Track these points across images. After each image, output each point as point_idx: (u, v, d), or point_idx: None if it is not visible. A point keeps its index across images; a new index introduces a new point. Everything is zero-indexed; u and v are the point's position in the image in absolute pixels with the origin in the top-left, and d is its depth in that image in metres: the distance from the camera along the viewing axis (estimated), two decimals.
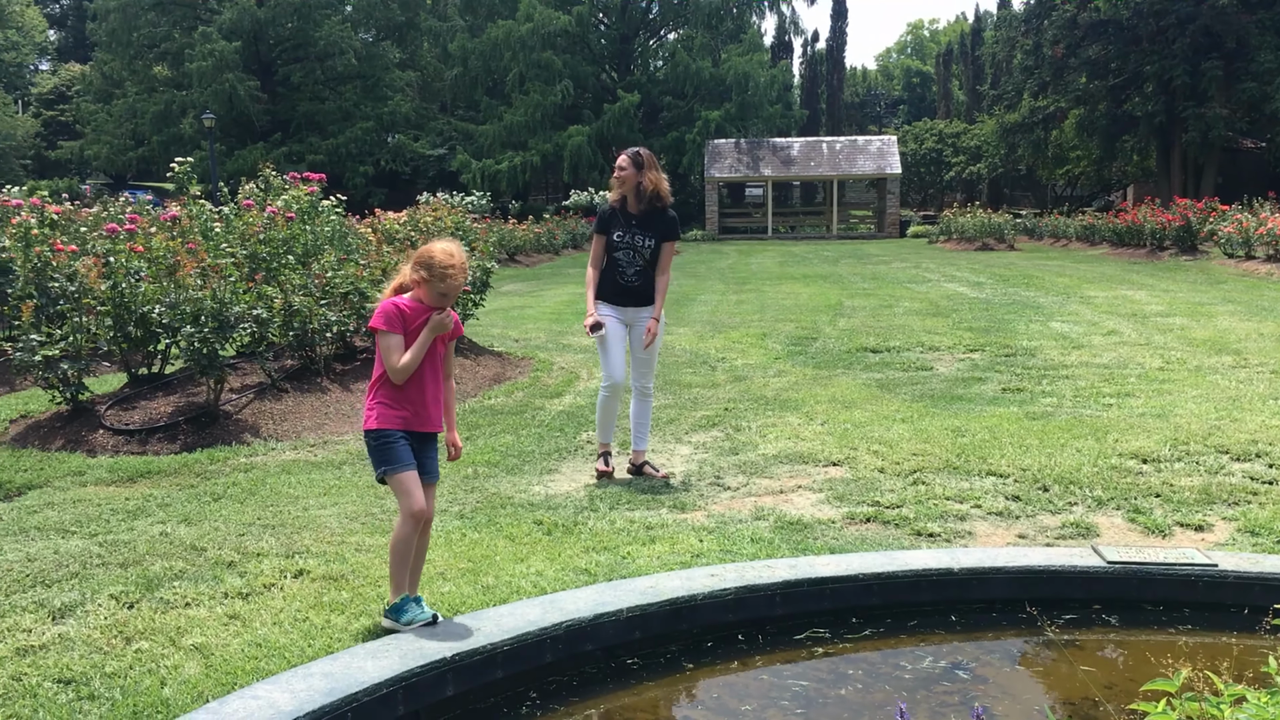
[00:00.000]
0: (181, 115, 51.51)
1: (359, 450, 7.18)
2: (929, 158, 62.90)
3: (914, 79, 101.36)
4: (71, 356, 7.33)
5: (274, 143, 51.87)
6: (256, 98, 51.77)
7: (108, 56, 55.12)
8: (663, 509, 5.71)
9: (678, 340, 12.48)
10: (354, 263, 9.48)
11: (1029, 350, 11.08)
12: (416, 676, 3.54)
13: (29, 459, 6.85)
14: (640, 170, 6.24)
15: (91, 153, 54.68)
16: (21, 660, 3.76)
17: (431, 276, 3.92)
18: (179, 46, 52.41)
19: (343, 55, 52.93)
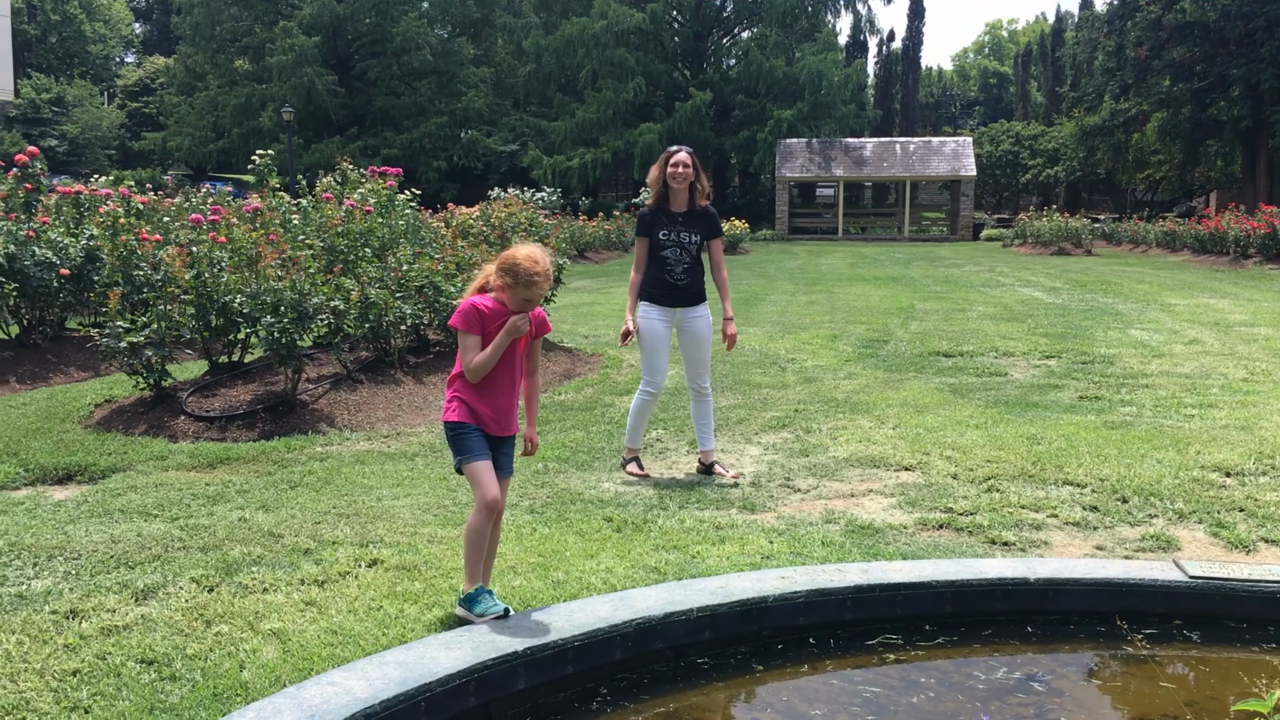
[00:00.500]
0: (261, 108, 52.47)
1: (431, 442, 7.27)
2: (1005, 160, 61.96)
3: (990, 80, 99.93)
4: (155, 343, 7.51)
5: (350, 137, 52.63)
6: (334, 92, 52.56)
7: (191, 50, 56.30)
8: (732, 509, 5.69)
9: (747, 340, 12.43)
10: (428, 257, 9.59)
11: (1107, 358, 10.87)
12: (488, 669, 3.57)
13: (113, 443, 7.03)
14: (697, 170, 6.33)
15: (174, 144, 55.89)
16: (106, 639, 3.85)
17: (516, 283, 3.94)
18: (260, 40, 53.38)
19: (419, 51, 53.54)
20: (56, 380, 9.28)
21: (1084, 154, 52.72)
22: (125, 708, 3.34)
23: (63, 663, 3.66)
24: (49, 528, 5.23)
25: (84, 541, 4.99)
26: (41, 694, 3.42)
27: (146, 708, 3.34)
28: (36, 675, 3.56)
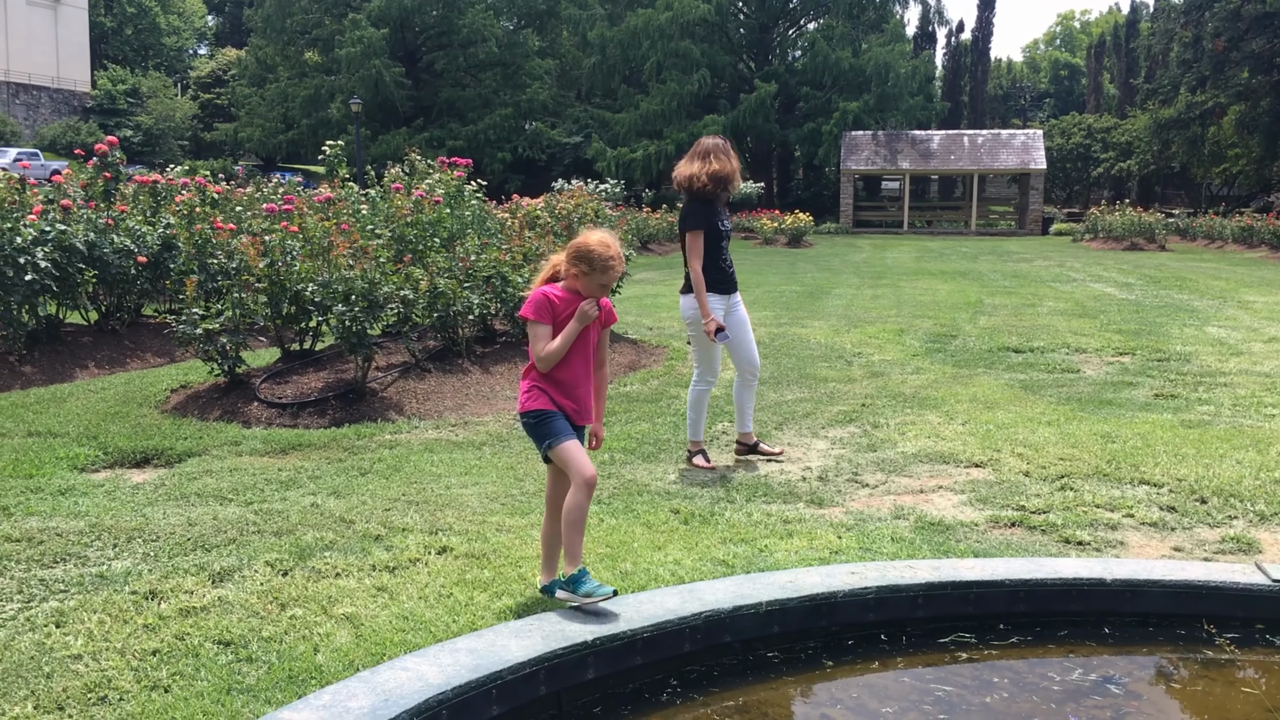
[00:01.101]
0: (330, 100, 53.17)
1: (498, 432, 7.31)
2: (1076, 153, 60.90)
3: (1062, 71, 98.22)
4: (230, 331, 7.64)
5: (416, 128, 53.15)
6: (401, 84, 53.10)
7: (262, 42, 57.20)
8: (800, 503, 5.66)
9: (812, 334, 12.35)
10: (495, 247, 9.65)
11: (1183, 355, 10.63)
12: (559, 658, 3.58)
13: (189, 428, 7.16)
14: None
15: (245, 135, 56.85)
16: (184, 620, 3.93)
17: (592, 269, 3.94)
18: (329, 33, 54.08)
19: (484, 43, 53.90)
20: (134, 365, 9.48)
21: (1158, 147, 51.67)
22: (204, 688, 3.40)
23: (143, 642, 3.73)
24: (128, 510, 5.35)
25: (162, 524, 5.09)
26: (123, 673, 3.50)
27: (224, 688, 3.40)
28: (118, 654, 3.64)
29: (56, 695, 3.33)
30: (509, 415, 7.84)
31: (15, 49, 63.28)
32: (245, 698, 3.35)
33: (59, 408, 7.64)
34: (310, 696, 3.23)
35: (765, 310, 14.87)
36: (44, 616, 3.93)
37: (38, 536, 4.84)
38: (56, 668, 3.52)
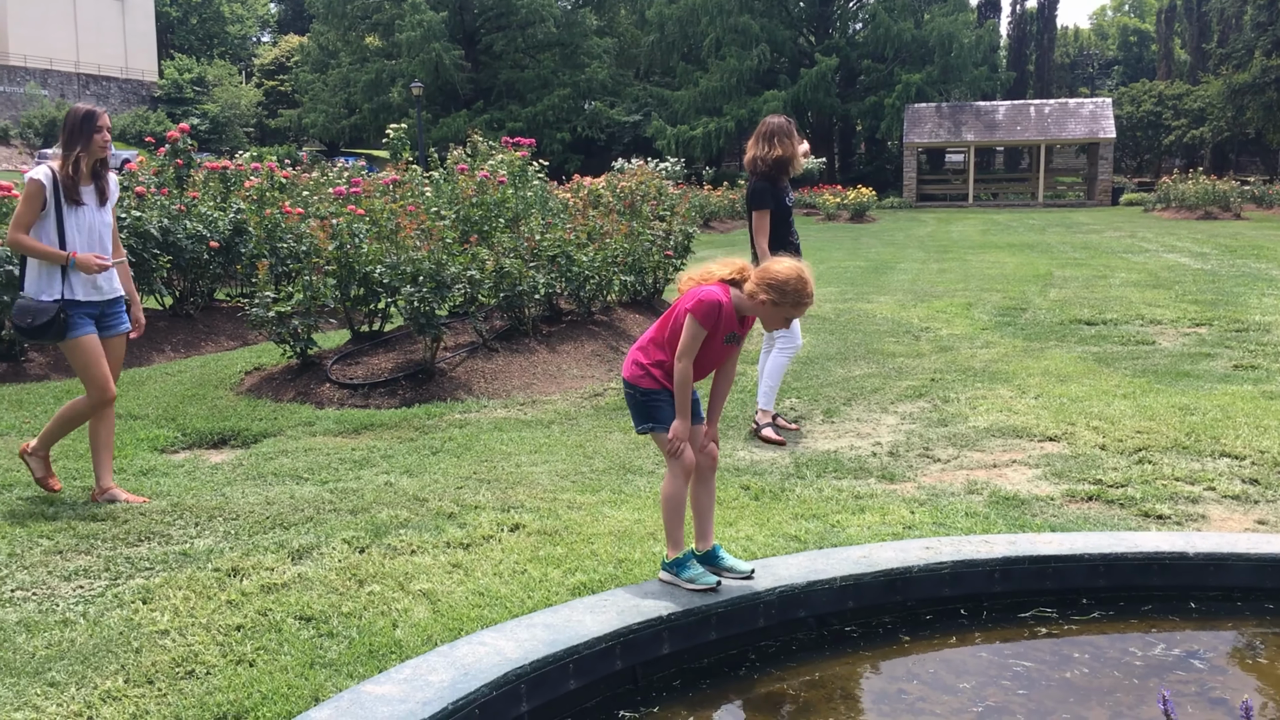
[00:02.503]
0: (391, 84, 53.59)
1: (566, 410, 7.34)
2: (1146, 121, 59.53)
3: (1130, 38, 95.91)
4: (301, 313, 7.75)
5: (476, 110, 53.40)
6: (460, 66, 53.35)
7: (324, 28, 57.76)
8: (871, 478, 5.62)
9: (878, 309, 12.24)
10: (559, 226, 9.67)
11: (1262, 325, 10.37)
12: (634, 633, 3.59)
13: (264, 409, 7.29)
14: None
15: (308, 121, 57.53)
16: (266, 596, 4.00)
17: (782, 302, 3.74)
18: (389, 17, 54.45)
19: (543, 23, 53.94)
20: (208, 348, 9.66)
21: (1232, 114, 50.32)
22: (287, 662, 3.46)
23: (226, 618, 3.81)
24: (208, 489, 5.46)
25: (241, 503, 5.19)
26: (208, 647, 3.58)
27: (307, 662, 3.46)
28: (203, 629, 3.72)
29: (146, 669, 3.42)
30: (576, 394, 7.88)
31: (85, 41, 64.57)
32: (328, 671, 3.41)
33: (138, 390, 7.82)
34: (391, 670, 3.28)
35: (830, 286, 14.75)
36: (131, 593, 4.03)
37: (123, 516, 4.96)
38: (145, 643, 3.60)
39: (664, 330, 3.92)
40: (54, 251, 5.03)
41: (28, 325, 5.05)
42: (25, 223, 5.01)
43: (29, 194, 5.01)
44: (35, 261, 5.09)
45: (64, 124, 5.16)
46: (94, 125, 5.13)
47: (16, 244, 5.03)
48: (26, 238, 5.02)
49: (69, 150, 5.09)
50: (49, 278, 5.08)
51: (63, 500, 5.22)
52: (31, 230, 5.04)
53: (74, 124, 5.11)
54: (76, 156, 5.09)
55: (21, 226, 5.01)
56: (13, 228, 5.02)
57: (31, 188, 5.01)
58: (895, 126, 48.50)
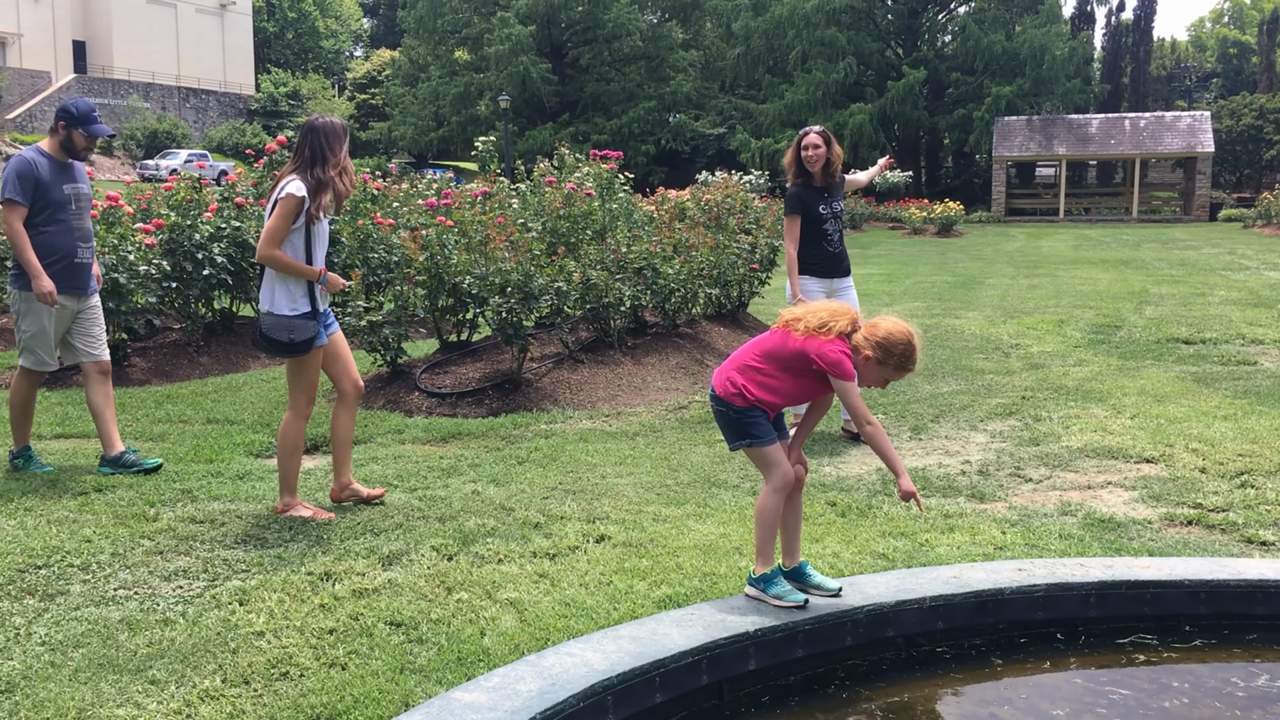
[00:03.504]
0: (479, 97, 54.32)
1: (651, 422, 7.36)
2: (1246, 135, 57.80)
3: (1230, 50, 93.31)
4: (392, 322, 7.88)
5: (562, 123, 53.85)
6: (547, 79, 53.86)
7: (415, 42, 58.77)
8: (960, 497, 5.53)
9: (966, 324, 12.06)
10: (645, 239, 9.71)
11: None
12: (720, 648, 3.58)
13: None
14: (830, 147, 6.75)
15: (398, 133, 58.52)
16: (358, 601, 4.07)
17: (887, 361, 3.73)
18: (478, 31, 55.23)
19: (629, 37, 54.25)
20: None
21: None
22: (378, 666, 3.51)
23: (320, 621, 3.88)
24: (301, 494, 5.56)
25: (333, 508, 5.28)
26: (302, 650, 3.65)
27: (398, 668, 3.51)
28: (297, 632, 3.79)
29: (242, 670, 3.49)
30: (661, 406, 7.89)
31: (185, 55, 66.53)
32: (418, 677, 3.45)
33: (234, 396, 8.01)
34: (480, 678, 3.31)
35: (917, 301, 14.58)
36: (228, 594, 4.12)
37: (220, 518, 5.08)
38: (241, 643, 3.69)
39: (769, 362, 3.88)
40: (307, 268, 4.99)
41: (288, 340, 4.99)
42: (280, 237, 4.91)
43: (288, 209, 4.89)
44: (278, 276, 5.00)
45: (308, 137, 5.02)
46: (344, 140, 5.07)
47: (271, 259, 4.91)
48: (281, 253, 4.91)
49: (318, 165, 4.97)
50: (295, 292, 5.00)
51: (163, 501, 5.36)
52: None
53: (325, 138, 5.01)
54: (327, 172, 4.99)
55: (276, 241, 4.90)
56: (267, 242, 4.89)
57: (291, 203, 4.89)
58: (984, 140, 47.80)
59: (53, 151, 5.83)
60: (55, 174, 5.78)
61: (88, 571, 4.38)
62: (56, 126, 5.82)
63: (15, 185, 5.62)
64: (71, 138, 5.82)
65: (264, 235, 4.92)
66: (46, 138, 5.93)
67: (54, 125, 5.84)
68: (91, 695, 3.31)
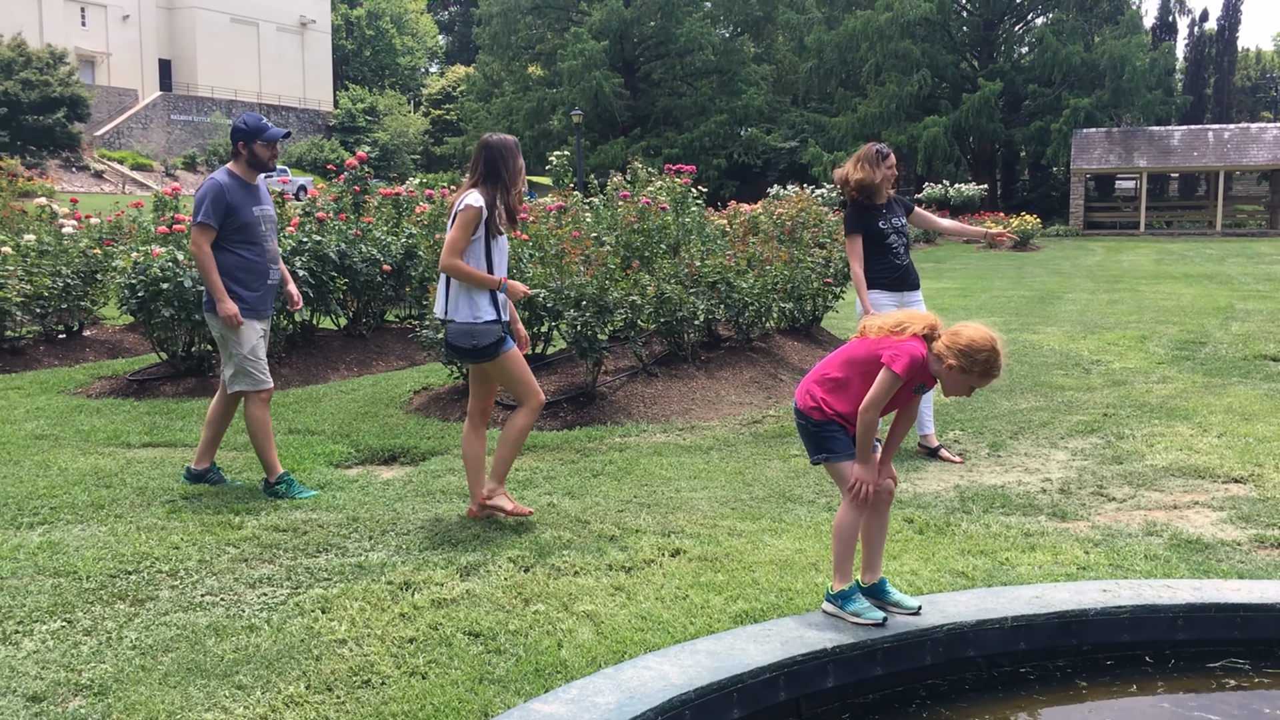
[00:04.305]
0: (551, 112, 54.74)
1: (725, 436, 7.34)
2: None
3: None
4: None
5: (633, 137, 54.05)
6: (619, 94, 54.12)
7: (489, 58, 59.44)
8: (1041, 516, 5.44)
9: (1045, 340, 11.87)
10: (719, 252, 9.70)
11: None
12: (798, 664, 3.56)
13: (431, 428, 7.51)
14: (894, 165, 6.80)
15: (472, 148, 59.17)
16: (437, 611, 4.12)
17: (970, 370, 3.66)
18: (552, 47, 55.71)
19: (701, 51, 54.33)
20: (378, 368, 10.02)
21: None
22: (458, 676, 3.55)
23: (400, 630, 3.94)
24: (380, 504, 5.65)
25: (411, 518, 5.36)
26: (383, 658, 3.70)
27: (476, 678, 3.54)
28: (378, 640, 3.85)
29: (325, 677, 3.55)
30: (735, 421, 7.87)
31: (267, 72, 68.06)
32: (496, 688, 3.48)
33: (315, 407, 8.16)
34: (559, 690, 3.33)
35: (993, 316, 14.38)
36: (311, 602, 4.20)
37: (302, 527, 5.18)
38: (324, 651, 3.75)
39: (848, 369, 3.87)
40: (487, 276, 5.13)
41: (472, 347, 5.14)
42: (461, 248, 5.07)
43: (467, 220, 5.06)
44: (460, 285, 5.15)
45: (482, 153, 5.20)
46: (516, 155, 5.23)
47: (453, 269, 5.07)
48: (463, 263, 5.07)
49: (493, 180, 5.15)
50: (477, 301, 5.14)
51: (247, 510, 5.47)
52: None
53: (498, 153, 5.18)
54: (508, 188, 5.18)
55: (458, 252, 5.06)
56: (449, 252, 5.06)
57: (470, 214, 5.06)
58: (1062, 152, 46.98)
59: (240, 173, 5.85)
60: (244, 196, 5.81)
61: (176, 578, 4.49)
62: (237, 148, 5.84)
63: (209, 208, 5.64)
64: (254, 152, 5.85)
65: (446, 246, 5.10)
66: (230, 161, 5.92)
67: (235, 149, 5.85)
68: (180, 699, 3.39)
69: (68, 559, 4.67)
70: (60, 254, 10.89)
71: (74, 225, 11.94)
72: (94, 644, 3.80)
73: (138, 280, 8.53)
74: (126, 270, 8.74)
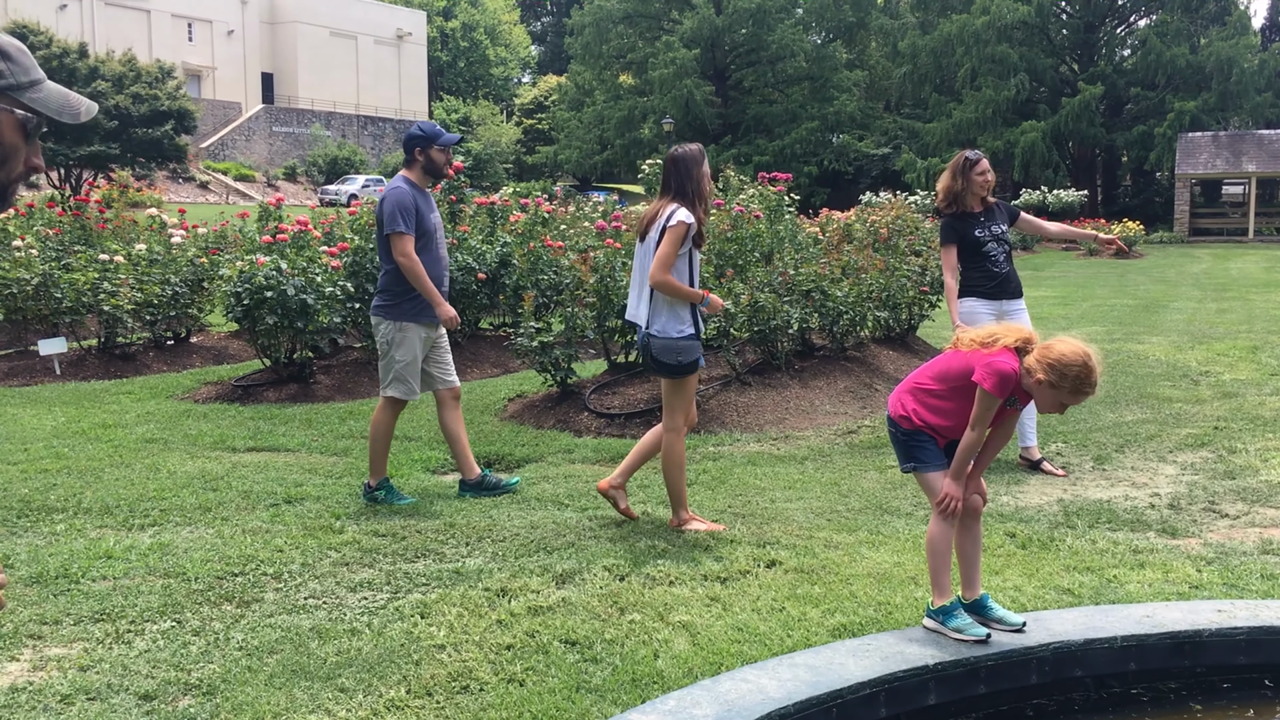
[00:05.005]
0: (642, 120, 54.95)
1: (820, 446, 7.27)
2: None
3: None
4: (563, 343, 8.02)
5: (724, 145, 53.96)
6: (710, 102, 54.11)
7: (581, 68, 59.90)
8: (1150, 532, 5.28)
9: (1151, 350, 11.53)
10: (813, 260, 9.62)
11: None
12: (899, 681, 3.50)
13: (526, 435, 7.56)
14: (986, 171, 6.67)
15: (563, 157, 59.70)
16: (533, 618, 4.13)
17: (1060, 385, 3.54)
18: (643, 56, 55.92)
19: (793, 58, 54.06)
20: (473, 375, 10.13)
21: None
22: (555, 684, 3.56)
23: (497, 636, 3.96)
24: (476, 511, 5.70)
25: (507, 525, 5.39)
26: (481, 664, 3.72)
27: (573, 686, 3.55)
28: (476, 646, 3.87)
29: (425, 682, 3.59)
30: (829, 430, 7.79)
31: (365, 85, 69.49)
32: (593, 697, 3.48)
33: (412, 414, 8.25)
34: (656, 701, 3.32)
35: (1095, 325, 14.03)
36: (410, 607, 4.25)
37: (400, 532, 5.25)
38: (423, 656, 3.79)
39: (940, 382, 3.82)
40: (693, 291, 5.20)
41: (676, 362, 5.21)
42: (671, 263, 5.10)
43: (678, 236, 5.09)
44: (665, 300, 5.19)
45: (674, 167, 5.26)
46: (703, 164, 5.27)
47: (665, 285, 5.11)
48: (673, 278, 5.13)
49: (688, 193, 5.20)
50: (680, 315, 5.21)
51: (347, 514, 5.57)
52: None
53: (689, 166, 5.23)
54: (698, 200, 5.23)
55: (668, 267, 5.09)
56: (660, 268, 5.09)
57: (681, 230, 5.09)
58: (1166, 157, 45.70)
59: (416, 180, 5.92)
60: (424, 203, 5.91)
61: (280, 580, 4.58)
62: (414, 155, 5.89)
63: (403, 217, 5.71)
64: (431, 158, 5.91)
65: (657, 261, 5.11)
66: (403, 170, 5.96)
67: (410, 156, 5.90)
68: (285, 700, 3.45)
69: (177, 560, 4.79)
70: (169, 263, 11.23)
71: (182, 235, 12.31)
72: (202, 644, 3.89)
73: (243, 288, 8.75)
74: (232, 279, 8.97)
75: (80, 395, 9.10)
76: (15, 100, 1.72)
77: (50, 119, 1.75)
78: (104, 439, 7.37)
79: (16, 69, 1.71)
